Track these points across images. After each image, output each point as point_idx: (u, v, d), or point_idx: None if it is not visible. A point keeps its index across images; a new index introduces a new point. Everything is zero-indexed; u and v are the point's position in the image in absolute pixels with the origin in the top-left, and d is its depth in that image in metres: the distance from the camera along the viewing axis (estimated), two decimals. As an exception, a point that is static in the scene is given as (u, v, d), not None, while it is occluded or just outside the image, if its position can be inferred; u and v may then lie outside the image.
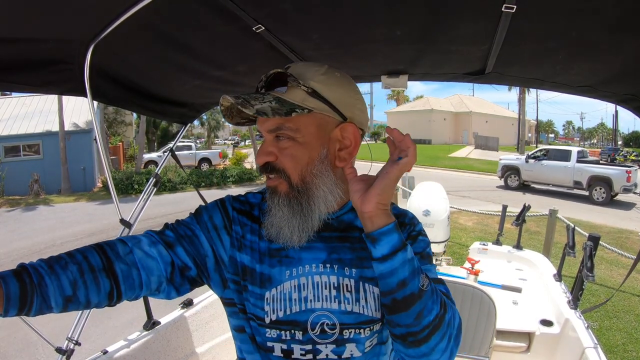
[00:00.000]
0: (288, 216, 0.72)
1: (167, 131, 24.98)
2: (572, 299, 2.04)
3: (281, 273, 0.74)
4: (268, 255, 0.75)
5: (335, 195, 0.74)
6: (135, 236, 0.72)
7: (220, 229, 0.76)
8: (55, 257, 0.63)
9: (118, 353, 1.45)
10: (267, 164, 0.73)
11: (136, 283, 0.67)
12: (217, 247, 0.75)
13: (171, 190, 13.63)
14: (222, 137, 47.41)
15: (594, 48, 1.03)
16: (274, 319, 0.72)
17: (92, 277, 0.62)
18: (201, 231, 0.75)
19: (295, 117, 0.68)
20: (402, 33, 1.10)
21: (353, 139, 0.74)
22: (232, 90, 1.76)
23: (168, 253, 0.71)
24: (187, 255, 0.72)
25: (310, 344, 0.72)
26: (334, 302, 0.72)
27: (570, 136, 76.84)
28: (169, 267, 0.70)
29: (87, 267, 0.62)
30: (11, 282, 0.56)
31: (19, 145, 13.60)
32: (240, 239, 0.76)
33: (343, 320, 0.72)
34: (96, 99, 1.26)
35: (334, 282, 0.73)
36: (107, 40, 1.01)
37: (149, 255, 0.69)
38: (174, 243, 0.72)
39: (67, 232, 8.13)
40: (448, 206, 2.88)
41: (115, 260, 0.65)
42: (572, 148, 12.89)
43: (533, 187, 13.12)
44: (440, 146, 33.68)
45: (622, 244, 6.60)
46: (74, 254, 0.64)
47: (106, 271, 0.64)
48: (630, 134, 48.70)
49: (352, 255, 0.75)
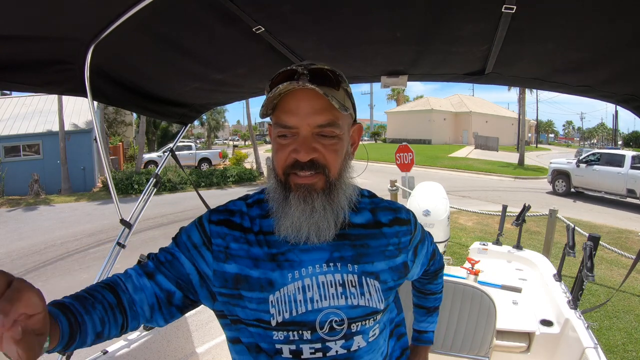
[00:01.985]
0: (321, 212, 0.73)
1: (167, 131, 24.99)
2: (572, 299, 2.04)
3: (283, 276, 0.74)
4: (265, 260, 0.75)
5: (352, 187, 0.80)
6: (127, 271, 0.75)
7: (200, 247, 0.76)
8: (82, 296, 0.65)
9: (118, 353, 1.45)
10: (310, 160, 0.71)
11: (137, 314, 0.71)
12: (199, 264, 0.75)
13: (171, 190, 13.63)
14: (222, 137, 47.45)
15: (593, 48, 1.03)
16: (280, 321, 0.72)
17: (112, 314, 0.67)
18: (180, 252, 0.76)
19: (344, 114, 0.73)
20: (402, 34, 1.11)
21: (357, 136, 0.83)
22: (232, 92, 1.76)
23: (150, 284, 0.73)
24: (168, 280, 0.74)
25: (319, 342, 0.73)
26: (340, 298, 0.74)
27: (570, 136, 76.87)
28: (153, 297, 0.73)
29: (108, 305, 0.67)
30: (63, 320, 0.58)
31: (19, 145, 13.60)
32: (224, 250, 0.75)
33: (351, 314, 0.74)
34: (96, 99, 1.26)
35: (339, 280, 0.75)
36: (107, 40, 1.01)
37: (138, 288, 0.72)
38: (153, 272, 0.74)
39: (67, 232, 8.13)
40: (448, 206, 2.87)
41: (122, 297, 0.70)
42: (626, 152, 11.47)
43: (586, 194, 11.84)
44: (440, 146, 33.69)
45: (622, 244, 6.60)
46: (94, 293, 0.67)
47: (119, 307, 0.68)
48: (630, 134, 48.76)
49: (353, 252, 0.77)
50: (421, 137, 36.80)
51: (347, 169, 0.77)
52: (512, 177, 17.91)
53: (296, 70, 0.70)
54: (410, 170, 6.64)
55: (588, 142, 66.31)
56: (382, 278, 0.79)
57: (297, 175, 0.72)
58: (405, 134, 36.74)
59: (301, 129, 0.70)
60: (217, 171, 15.87)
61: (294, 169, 0.71)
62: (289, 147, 0.71)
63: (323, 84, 0.69)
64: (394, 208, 0.87)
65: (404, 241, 0.85)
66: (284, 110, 0.71)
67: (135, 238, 7.05)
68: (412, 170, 6.65)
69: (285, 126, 0.71)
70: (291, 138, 0.71)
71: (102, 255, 6.32)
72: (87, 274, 5.59)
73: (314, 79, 0.69)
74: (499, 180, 17.09)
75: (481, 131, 37.52)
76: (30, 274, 5.71)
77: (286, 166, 0.72)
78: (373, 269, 0.78)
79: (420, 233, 0.93)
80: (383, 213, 0.84)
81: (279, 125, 0.72)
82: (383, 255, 0.80)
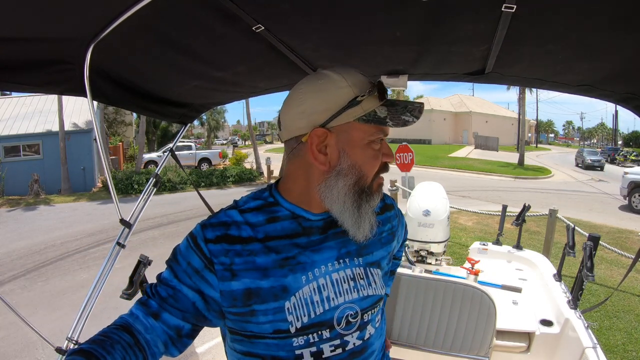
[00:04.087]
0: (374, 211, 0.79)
1: (167, 131, 24.99)
2: (572, 298, 2.04)
3: (297, 280, 0.73)
4: (274, 267, 0.73)
5: None
6: (132, 312, 0.75)
7: (202, 270, 0.72)
8: (99, 340, 0.67)
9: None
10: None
11: (154, 352, 0.72)
12: (203, 289, 0.73)
13: (171, 190, 13.64)
14: (222, 137, 47.44)
15: (593, 47, 1.03)
16: (299, 327, 0.72)
17: (132, 352, 0.68)
18: (182, 284, 0.73)
19: None
20: (402, 34, 1.10)
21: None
22: (232, 91, 1.75)
23: (157, 324, 0.73)
24: (174, 317, 0.73)
25: (338, 338, 0.75)
26: (353, 292, 0.77)
27: (570, 136, 76.88)
28: (164, 335, 0.73)
29: (126, 344, 0.68)
30: None
31: (19, 145, 13.60)
32: (229, 267, 0.72)
33: (363, 305, 0.78)
34: (96, 99, 1.26)
35: (350, 274, 0.78)
36: (107, 40, 1.01)
37: (148, 328, 0.73)
38: (158, 312, 0.73)
39: (67, 232, 8.12)
40: (448, 206, 2.87)
41: (138, 336, 0.71)
42: None
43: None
44: (440, 146, 33.70)
45: (622, 244, 6.60)
46: (110, 335, 0.68)
47: (137, 345, 0.70)
48: (630, 134, 48.77)
49: (356, 245, 0.80)
50: (421, 137, 36.80)
51: None
52: (512, 177, 17.94)
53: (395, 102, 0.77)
54: (410, 170, 6.64)
55: (588, 142, 66.33)
56: (382, 265, 0.85)
57: (380, 177, 0.79)
58: (405, 134, 36.71)
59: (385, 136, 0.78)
60: (217, 171, 15.88)
61: (382, 171, 0.79)
62: (380, 151, 0.77)
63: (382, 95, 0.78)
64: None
65: (394, 224, 0.93)
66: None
67: (135, 238, 7.05)
68: (412, 170, 6.65)
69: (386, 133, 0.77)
70: (380, 144, 0.77)
71: (102, 255, 6.32)
72: (87, 273, 5.59)
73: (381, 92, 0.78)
74: (499, 180, 17.10)
75: (481, 131, 37.53)
76: (30, 274, 5.71)
77: (378, 169, 0.78)
78: (374, 259, 0.83)
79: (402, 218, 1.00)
80: None
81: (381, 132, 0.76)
82: (380, 244, 0.86)
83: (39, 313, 4.34)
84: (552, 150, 43.80)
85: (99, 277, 1.40)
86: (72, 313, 0.79)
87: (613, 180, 17.51)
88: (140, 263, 1.44)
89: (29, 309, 4.41)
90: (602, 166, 23.71)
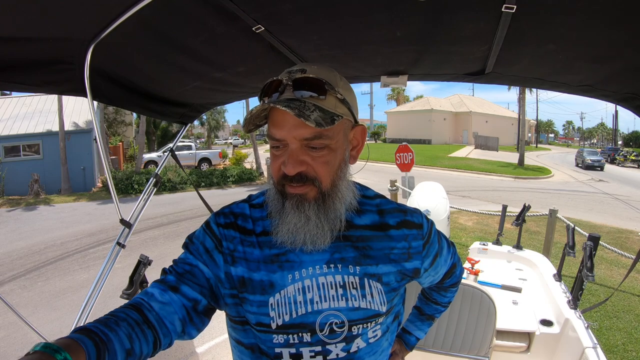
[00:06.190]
0: (315, 221, 0.72)
1: (167, 131, 24.97)
2: (572, 298, 2.04)
3: (283, 278, 0.73)
4: (266, 262, 0.75)
5: (351, 192, 0.78)
6: (146, 290, 0.73)
7: (212, 250, 0.76)
8: (104, 318, 0.64)
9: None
10: (298, 173, 0.70)
11: (168, 330, 0.69)
12: (213, 268, 0.76)
13: (171, 190, 13.63)
14: (222, 137, 47.44)
15: (593, 47, 1.03)
16: (280, 324, 0.72)
17: (140, 330, 0.65)
18: (197, 260, 0.76)
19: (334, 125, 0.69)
20: (402, 34, 1.10)
21: (360, 138, 0.80)
22: (232, 91, 1.76)
23: (176, 297, 0.72)
24: (193, 290, 0.73)
25: (319, 345, 0.72)
26: (341, 300, 0.73)
27: (570, 136, 76.90)
28: (182, 309, 0.71)
29: (133, 321, 0.65)
30: (88, 343, 0.57)
31: (19, 145, 13.59)
32: (232, 253, 0.76)
33: (351, 317, 0.73)
34: (96, 99, 1.26)
35: (340, 281, 0.74)
36: (107, 40, 1.01)
37: (165, 303, 0.70)
38: (177, 285, 0.73)
39: (67, 232, 8.12)
40: (448, 206, 2.88)
41: (148, 314, 0.68)
42: None
43: None
44: (440, 146, 33.69)
45: (622, 244, 6.60)
46: (116, 313, 0.66)
47: (146, 323, 0.67)
48: (630, 134, 48.79)
49: (355, 253, 0.76)
50: (421, 137, 36.80)
51: (343, 177, 0.75)
52: (512, 177, 17.93)
53: (281, 81, 0.70)
54: (410, 170, 6.64)
55: (588, 142, 66.34)
56: (384, 280, 0.77)
57: (290, 186, 0.72)
58: (405, 134, 36.76)
59: (289, 142, 0.69)
60: (217, 171, 15.87)
61: (285, 180, 0.72)
62: (281, 158, 0.71)
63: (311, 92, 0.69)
64: (404, 210, 0.84)
65: (415, 246, 0.81)
66: (272, 123, 0.70)
67: (135, 238, 7.05)
68: (412, 170, 6.65)
69: (274, 139, 0.71)
70: (283, 149, 0.71)
71: (102, 255, 6.32)
72: (87, 273, 5.59)
73: (299, 88, 0.69)
74: (499, 180, 17.09)
75: (481, 131, 37.53)
76: (30, 274, 5.71)
77: (279, 177, 0.73)
78: (376, 271, 0.76)
79: (438, 242, 0.88)
80: (391, 215, 0.82)
81: (270, 138, 0.72)
82: (388, 258, 0.78)
83: (39, 313, 4.34)
84: (552, 150, 43.79)
85: (99, 277, 1.40)
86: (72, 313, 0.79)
87: (613, 180, 17.50)
88: (140, 263, 1.45)
89: (29, 309, 4.41)
90: (602, 166, 23.70)
